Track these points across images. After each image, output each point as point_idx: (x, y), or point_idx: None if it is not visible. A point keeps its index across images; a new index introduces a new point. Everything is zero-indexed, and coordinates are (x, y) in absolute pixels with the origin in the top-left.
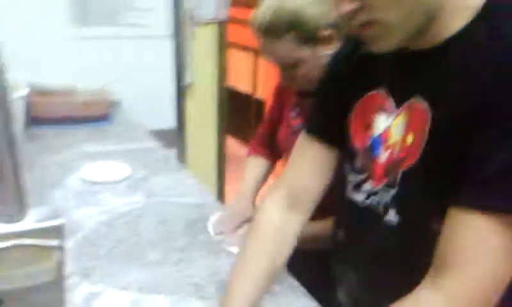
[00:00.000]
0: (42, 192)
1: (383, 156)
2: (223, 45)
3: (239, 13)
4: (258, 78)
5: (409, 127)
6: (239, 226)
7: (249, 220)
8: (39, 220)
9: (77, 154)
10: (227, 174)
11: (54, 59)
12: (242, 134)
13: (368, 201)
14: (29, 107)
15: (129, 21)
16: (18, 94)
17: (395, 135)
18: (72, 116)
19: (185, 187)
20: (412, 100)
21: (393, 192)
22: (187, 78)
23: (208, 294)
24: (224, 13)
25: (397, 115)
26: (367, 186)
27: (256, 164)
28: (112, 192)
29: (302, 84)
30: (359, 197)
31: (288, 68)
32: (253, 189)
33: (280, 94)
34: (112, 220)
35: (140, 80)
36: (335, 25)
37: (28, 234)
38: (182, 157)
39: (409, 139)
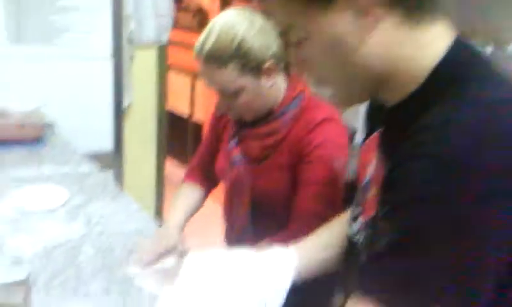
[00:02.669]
0: None
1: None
2: (163, 68)
3: (179, 35)
4: (196, 100)
5: (372, 179)
6: (160, 255)
7: (171, 250)
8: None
9: (9, 179)
10: (166, 196)
11: None
12: (180, 156)
13: (356, 237)
14: None
15: (67, 42)
16: None
17: None
18: (3, 139)
19: (125, 212)
20: (379, 152)
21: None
22: (126, 100)
23: None
24: (165, 37)
25: None
26: (360, 221)
27: (188, 192)
28: (48, 221)
29: (240, 113)
30: (352, 230)
31: (228, 96)
32: (181, 218)
33: (217, 124)
34: (49, 251)
35: (77, 101)
36: (276, 57)
37: None
38: (119, 180)
39: (373, 191)
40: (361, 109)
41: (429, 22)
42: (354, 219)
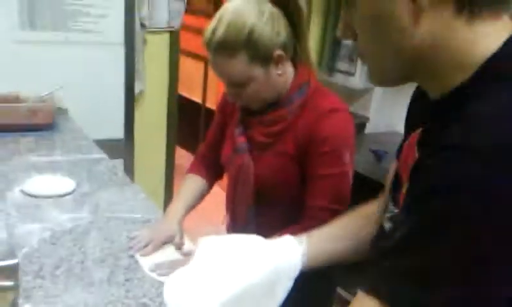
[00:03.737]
0: None
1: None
2: (176, 54)
3: (191, 20)
4: (208, 87)
5: (406, 176)
6: (157, 246)
7: (170, 240)
8: None
9: (20, 165)
10: (176, 186)
11: None
12: (191, 145)
13: (387, 225)
14: None
15: (80, 27)
16: None
17: None
18: (15, 124)
19: (133, 202)
20: (417, 149)
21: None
22: (138, 87)
23: None
24: (177, 22)
25: None
26: (392, 208)
27: (191, 184)
28: (56, 207)
29: (249, 102)
30: (386, 223)
31: (237, 86)
32: (182, 209)
33: (224, 110)
34: (56, 238)
35: (89, 87)
36: (285, 45)
37: None
38: (129, 169)
39: (405, 188)
40: (374, 99)
41: (489, 16)
42: (386, 211)
